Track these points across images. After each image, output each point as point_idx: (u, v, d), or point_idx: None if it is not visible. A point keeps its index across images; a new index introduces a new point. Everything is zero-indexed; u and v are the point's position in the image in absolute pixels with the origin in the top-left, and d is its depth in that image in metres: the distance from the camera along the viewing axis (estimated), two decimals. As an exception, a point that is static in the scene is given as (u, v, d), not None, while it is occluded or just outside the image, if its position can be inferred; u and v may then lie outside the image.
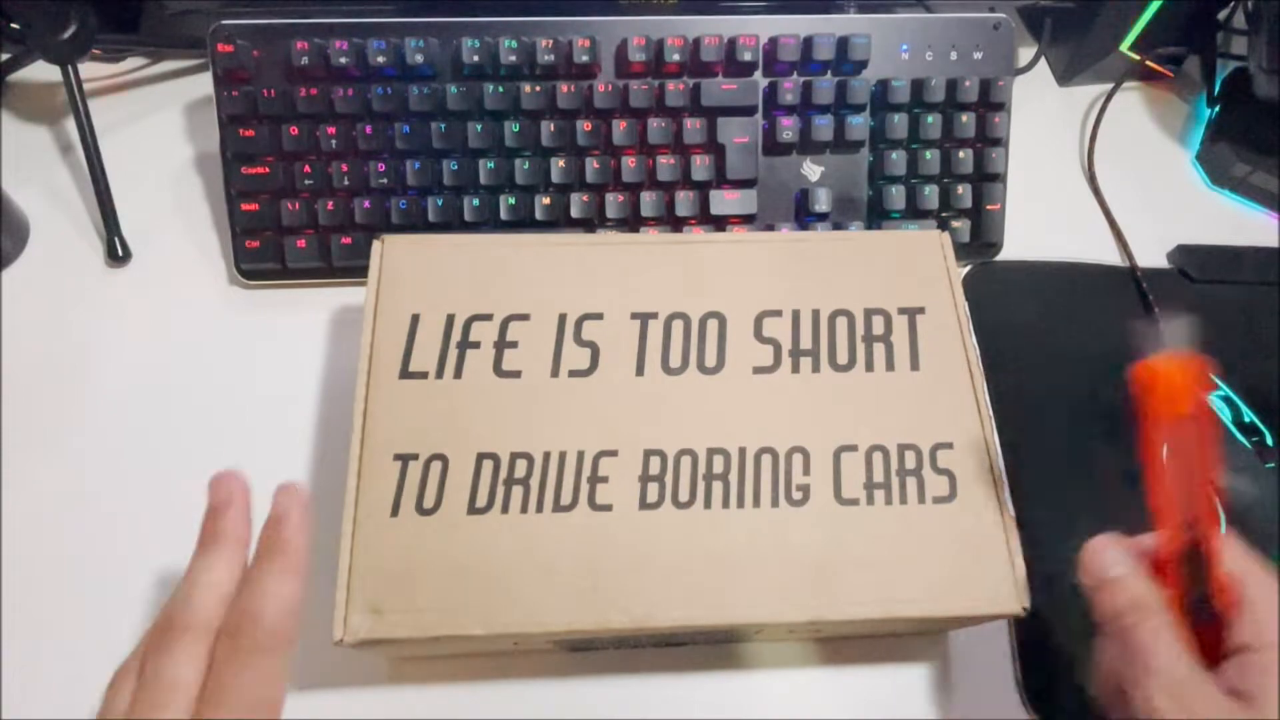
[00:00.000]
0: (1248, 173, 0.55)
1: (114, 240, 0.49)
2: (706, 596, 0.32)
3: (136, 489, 0.42)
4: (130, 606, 0.40)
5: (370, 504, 0.33)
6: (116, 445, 0.44)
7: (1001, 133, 0.50)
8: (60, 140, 0.54)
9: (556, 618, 0.32)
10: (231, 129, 0.47)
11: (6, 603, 0.40)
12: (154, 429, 0.44)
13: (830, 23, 0.49)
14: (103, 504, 0.42)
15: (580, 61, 0.47)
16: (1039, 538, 0.41)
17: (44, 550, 0.41)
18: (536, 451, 0.35)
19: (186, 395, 0.45)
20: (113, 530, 0.41)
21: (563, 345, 0.37)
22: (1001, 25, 0.50)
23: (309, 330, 0.48)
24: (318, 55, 0.46)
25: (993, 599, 0.33)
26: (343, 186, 0.47)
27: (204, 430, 0.44)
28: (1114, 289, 0.52)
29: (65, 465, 0.43)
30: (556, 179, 0.48)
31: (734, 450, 0.35)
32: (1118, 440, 0.46)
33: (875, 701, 0.39)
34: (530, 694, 0.39)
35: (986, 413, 0.37)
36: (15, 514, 0.42)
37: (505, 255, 0.39)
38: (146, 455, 0.43)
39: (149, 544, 0.41)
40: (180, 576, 0.31)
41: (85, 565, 0.41)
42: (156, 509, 0.42)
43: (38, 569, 0.40)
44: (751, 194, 0.49)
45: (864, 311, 0.38)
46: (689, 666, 0.39)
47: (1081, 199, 0.56)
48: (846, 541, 0.34)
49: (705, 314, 0.38)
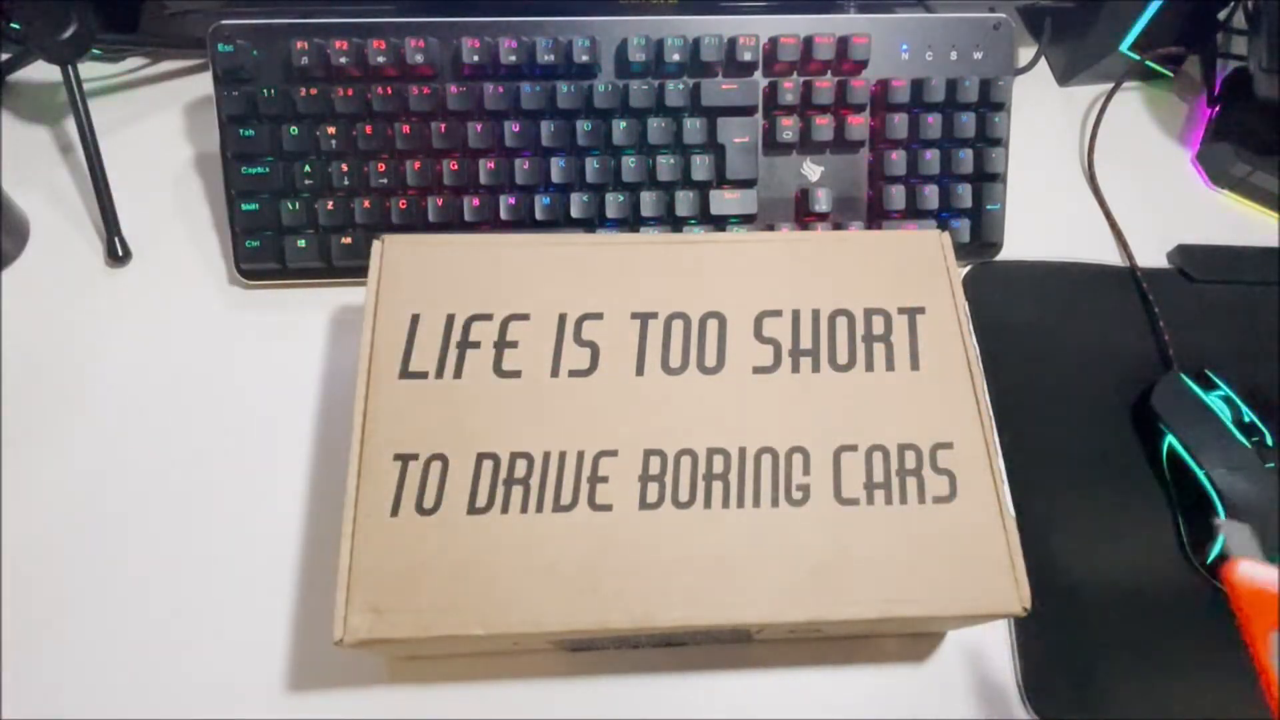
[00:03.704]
0: (1248, 173, 0.55)
1: (114, 240, 0.49)
2: (706, 596, 0.32)
3: (136, 489, 0.42)
4: (130, 606, 0.40)
5: (370, 504, 0.33)
6: (116, 445, 0.44)
7: (1001, 133, 0.50)
8: (60, 140, 0.54)
9: (556, 618, 0.32)
10: (231, 129, 0.47)
11: (6, 603, 0.40)
12: (154, 429, 0.44)
13: (830, 23, 0.49)
14: (102, 503, 0.42)
15: (580, 61, 0.47)
16: (1039, 538, 0.42)
17: (44, 550, 0.41)
18: (536, 451, 0.35)
19: (186, 395, 0.45)
20: (113, 530, 0.41)
21: (563, 345, 0.37)
22: (1001, 25, 0.50)
23: (309, 330, 0.48)
24: (318, 55, 0.46)
25: (993, 599, 0.33)
26: (343, 186, 0.47)
27: (204, 430, 0.44)
28: (1114, 289, 0.52)
29: (65, 465, 0.43)
30: (556, 179, 0.48)
31: (734, 450, 0.35)
32: (1118, 440, 0.46)
33: (875, 701, 0.39)
34: (530, 694, 0.39)
35: (986, 413, 0.37)
36: (15, 514, 0.42)
37: (505, 255, 0.39)
38: (146, 455, 0.43)
39: (149, 543, 0.41)
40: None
41: (85, 565, 0.41)
42: (156, 508, 0.42)
43: (38, 568, 0.40)
44: (751, 194, 0.49)
45: (864, 311, 0.38)
46: (689, 666, 0.40)
47: (1081, 199, 0.56)
48: (846, 541, 0.34)
49: (705, 314, 0.38)
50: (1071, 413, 0.47)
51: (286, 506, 0.42)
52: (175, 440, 0.44)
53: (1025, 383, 0.47)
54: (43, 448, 0.43)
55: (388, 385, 0.36)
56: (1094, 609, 0.36)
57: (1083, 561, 0.42)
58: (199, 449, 0.44)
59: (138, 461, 0.43)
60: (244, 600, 0.40)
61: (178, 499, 0.43)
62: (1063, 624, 0.41)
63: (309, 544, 0.41)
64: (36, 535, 0.41)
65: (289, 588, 0.40)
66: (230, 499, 0.42)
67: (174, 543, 0.41)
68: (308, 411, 0.45)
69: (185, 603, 0.40)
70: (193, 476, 0.43)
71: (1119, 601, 0.40)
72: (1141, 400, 0.46)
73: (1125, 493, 0.45)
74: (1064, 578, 0.42)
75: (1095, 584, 0.37)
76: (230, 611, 0.40)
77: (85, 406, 0.45)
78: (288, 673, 0.39)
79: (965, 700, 0.40)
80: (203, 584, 0.40)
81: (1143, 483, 0.45)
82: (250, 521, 0.42)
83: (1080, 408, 0.47)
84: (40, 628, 0.39)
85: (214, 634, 0.39)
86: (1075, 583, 0.41)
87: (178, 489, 0.43)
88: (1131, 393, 0.47)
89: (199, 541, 0.41)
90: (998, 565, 0.34)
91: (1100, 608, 0.36)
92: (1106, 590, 0.37)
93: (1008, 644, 0.41)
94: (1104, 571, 0.37)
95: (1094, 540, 0.43)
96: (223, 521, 0.42)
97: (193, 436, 0.44)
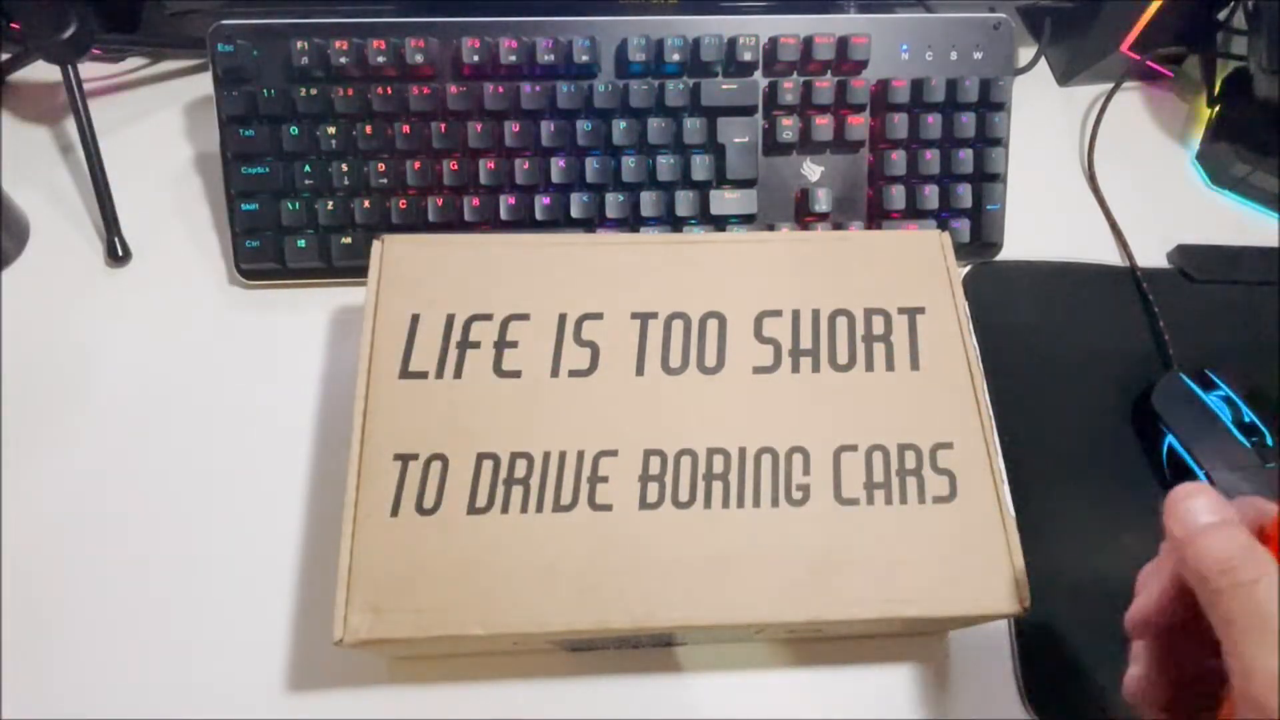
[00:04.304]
0: (1248, 173, 0.55)
1: (114, 240, 0.49)
2: (706, 596, 0.32)
3: (136, 489, 0.42)
4: (130, 606, 0.40)
5: (370, 504, 0.33)
6: (117, 445, 0.44)
7: (1001, 133, 0.50)
8: (60, 140, 0.54)
9: (556, 618, 0.32)
10: (231, 129, 0.47)
11: (6, 602, 0.40)
12: (154, 429, 0.44)
13: (830, 23, 0.49)
14: (102, 503, 0.42)
15: (580, 61, 0.47)
16: (1039, 538, 0.42)
17: (44, 550, 0.41)
18: (536, 451, 0.35)
19: (186, 395, 0.45)
20: (113, 530, 0.41)
21: (563, 345, 0.37)
22: (1001, 25, 0.50)
23: (309, 330, 0.48)
24: (318, 55, 0.46)
25: (993, 599, 0.33)
26: (343, 186, 0.47)
27: (204, 430, 0.44)
28: (1114, 289, 0.52)
29: (65, 465, 0.43)
30: (556, 179, 0.48)
31: (734, 450, 0.35)
32: (1118, 440, 0.46)
33: (875, 701, 0.39)
34: (530, 694, 0.39)
35: (986, 413, 0.37)
36: (16, 513, 0.42)
37: (505, 255, 0.39)
38: (146, 455, 0.43)
39: (149, 543, 0.41)
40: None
41: (85, 565, 0.41)
42: (156, 508, 0.42)
43: (38, 568, 0.40)
44: (751, 194, 0.49)
45: (864, 311, 0.38)
46: (689, 666, 0.39)
47: (1081, 199, 0.56)
48: (846, 541, 0.34)
49: (705, 314, 0.38)
50: (1071, 413, 0.47)
51: (286, 506, 0.42)
52: (175, 440, 0.44)
53: (1025, 383, 0.47)
54: (43, 448, 0.43)
55: (388, 385, 0.36)
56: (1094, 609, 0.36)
57: (1083, 561, 0.42)
58: (199, 449, 0.44)
59: (137, 461, 0.43)
60: (244, 600, 0.40)
61: (177, 499, 0.43)
62: (1063, 624, 0.41)
63: (309, 544, 0.41)
64: (37, 535, 0.41)
65: (289, 588, 0.40)
66: (230, 499, 0.42)
67: (174, 542, 0.41)
68: (308, 411, 0.45)
69: (185, 603, 0.40)
70: (192, 476, 0.43)
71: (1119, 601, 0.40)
72: (1141, 400, 0.46)
73: (1125, 493, 0.45)
74: (1064, 578, 0.42)
75: (1095, 584, 0.37)
76: (230, 611, 0.40)
77: (85, 407, 0.45)
78: (288, 673, 0.39)
79: (965, 700, 0.40)
80: (203, 584, 0.40)
81: (1143, 483, 0.45)
82: (250, 521, 0.42)
83: (1080, 408, 0.47)
84: (40, 628, 0.39)
85: (214, 634, 0.39)
86: (1075, 583, 0.41)
87: (177, 489, 0.43)
88: (1131, 393, 0.47)
89: (199, 541, 0.41)
90: (998, 565, 0.34)
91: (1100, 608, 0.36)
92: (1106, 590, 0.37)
93: (1008, 644, 0.41)
94: (1104, 571, 0.37)
95: (1094, 540, 0.43)
96: (223, 521, 0.42)
97: (193, 437, 0.44)
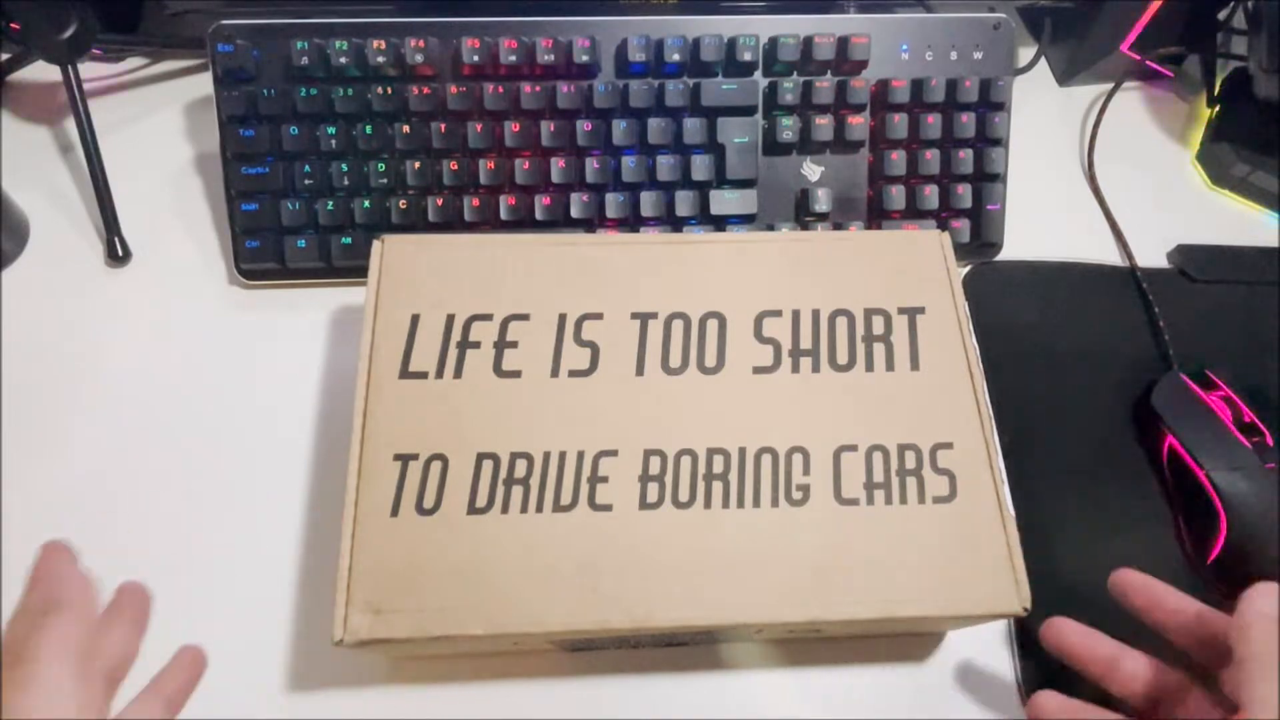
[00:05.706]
0: (1248, 173, 0.55)
1: (114, 240, 0.49)
2: (706, 596, 0.32)
3: (136, 489, 0.42)
4: (130, 606, 0.40)
5: (370, 504, 0.33)
6: (116, 445, 0.44)
7: (1001, 133, 0.50)
8: (60, 140, 0.54)
9: (556, 618, 0.32)
10: (231, 129, 0.47)
11: (7, 602, 0.39)
12: (154, 429, 0.44)
13: (830, 23, 0.49)
14: (102, 503, 0.42)
15: (580, 61, 0.47)
16: (1039, 538, 0.42)
17: (44, 550, 0.41)
18: (536, 451, 0.35)
19: (186, 395, 0.45)
20: (112, 530, 0.41)
21: (563, 345, 0.37)
22: (1001, 25, 0.50)
23: (309, 330, 0.48)
24: (318, 55, 0.46)
25: (993, 599, 0.33)
26: (343, 186, 0.47)
27: (204, 430, 0.44)
28: (1114, 289, 0.52)
29: (65, 465, 0.43)
30: (556, 179, 0.48)
31: (734, 450, 0.35)
32: (1118, 440, 0.46)
33: (876, 701, 0.39)
34: (530, 694, 0.39)
35: (986, 413, 0.37)
36: (15, 513, 0.42)
37: (505, 255, 0.39)
38: (146, 455, 0.43)
39: (149, 543, 0.41)
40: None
41: (85, 565, 0.41)
42: (156, 508, 0.42)
43: (38, 569, 0.40)
44: (751, 194, 0.49)
45: (864, 311, 0.38)
46: (689, 666, 0.39)
47: (1081, 199, 0.56)
48: (846, 541, 0.34)
49: (705, 314, 0.38)
50: (1071, 413, 0.47)
51: (286, 506, 0.42)
52: (175, 440, 0.44)
53: (1025, 383, 0.47)
54: (43, 448, 0.43)
55: (388, 385, 0.36)
56: (1094, 609, 0.36)
57: (1083, 561, 0.42)
58: (199, 449, 0.44)
59: (137, 462, 0.43)
60: (244, 600, 0.40)
61: (177, 499, 0.43)
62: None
63: (309, 544, 0.41)
64: (37, 535, 0.41)
65: (289, 588, 0.40)
66: (230, 499, 0.42)
67: (174, 542, 0.41)
68: (308, 411, 0.45)
69: (185, 602, 0.40)
70: (192, 476, 0.43)
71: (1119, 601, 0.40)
72: (1141, 400, 0.46)
73: (1125, 493, 0.45)
74: (1064, 578, 0.42)
75: (1095, 584, 0.37)
76: (230, 611, 0.40)
77: (85, 407, 0.45)
78: (288, 673, 0.39)
79: (965, 700, 0.40)
80: (203, 583, 0.40)
81: (1143, 483, 0.45)
82: (250, 521, 0.42)
83: (1080, 407, 0.47)
84: (40, 628, 0.39)
85: (214, 633, 0.39)
86: (1075, 583, 0.41)
87: (177, 489, 0.43)
88: (1131, 393, 0.47)
89: (199, 541, 0.41)
90: (998, 565, 0.34)
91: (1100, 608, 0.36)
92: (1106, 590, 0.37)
93: (1008, 644, 0.41)
94: (1104, 571, 0.37)
95: (1094, 540, 0.43)
96: (223, 521, 0.42)
97: (192, 437, 0.44)
